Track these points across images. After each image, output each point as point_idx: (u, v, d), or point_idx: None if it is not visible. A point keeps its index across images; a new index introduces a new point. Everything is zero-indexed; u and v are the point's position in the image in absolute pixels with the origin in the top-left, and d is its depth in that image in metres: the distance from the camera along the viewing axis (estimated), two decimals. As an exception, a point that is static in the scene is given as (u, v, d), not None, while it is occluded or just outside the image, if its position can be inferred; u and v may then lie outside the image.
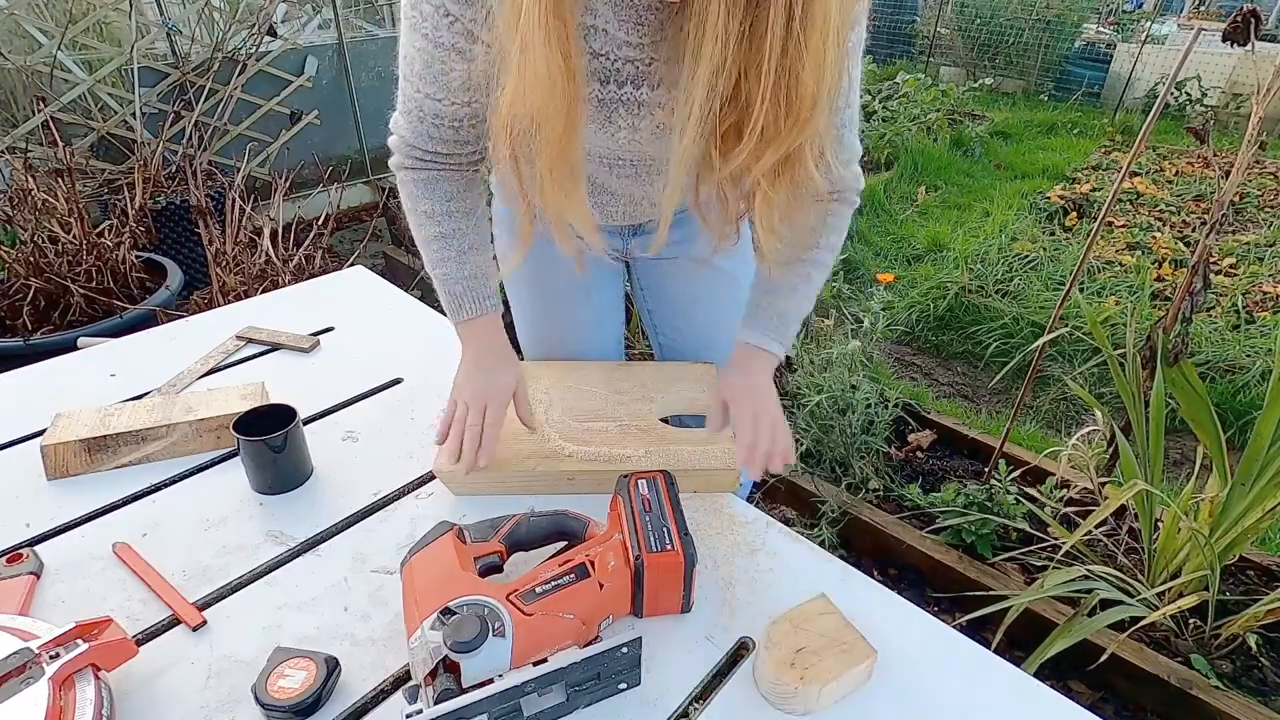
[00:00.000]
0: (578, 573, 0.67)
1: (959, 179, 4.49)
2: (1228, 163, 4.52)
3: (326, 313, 1.31)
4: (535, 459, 0.89)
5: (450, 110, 0.80)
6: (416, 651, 0.60)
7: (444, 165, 0.87)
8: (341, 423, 1.02)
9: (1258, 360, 2.48)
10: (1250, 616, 1.39)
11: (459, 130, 0.82)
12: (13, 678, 0.57)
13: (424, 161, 0.85)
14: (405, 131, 0.83)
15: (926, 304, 3.00)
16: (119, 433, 0.90)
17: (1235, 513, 1.37)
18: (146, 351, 1.20)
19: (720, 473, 0.89)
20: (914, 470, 2.05)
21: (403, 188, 0.88)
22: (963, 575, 1.62)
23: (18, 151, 2.62)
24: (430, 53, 0.74)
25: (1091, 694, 1.46)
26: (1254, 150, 1.39)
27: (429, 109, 0.79)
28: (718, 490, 0.91)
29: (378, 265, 3.27)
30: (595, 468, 0.88)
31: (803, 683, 0.62)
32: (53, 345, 2.00)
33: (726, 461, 0.89)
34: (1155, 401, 1.46)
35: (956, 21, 7.06)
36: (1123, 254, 3.33)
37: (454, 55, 0.73)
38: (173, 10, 3.37)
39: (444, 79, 0.76)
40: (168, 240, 2.84)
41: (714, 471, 0.89)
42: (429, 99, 0.78)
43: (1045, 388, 2.58)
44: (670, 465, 0.87)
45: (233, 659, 0.68)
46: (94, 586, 0.75)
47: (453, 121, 0.81)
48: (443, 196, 0.87)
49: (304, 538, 0.82)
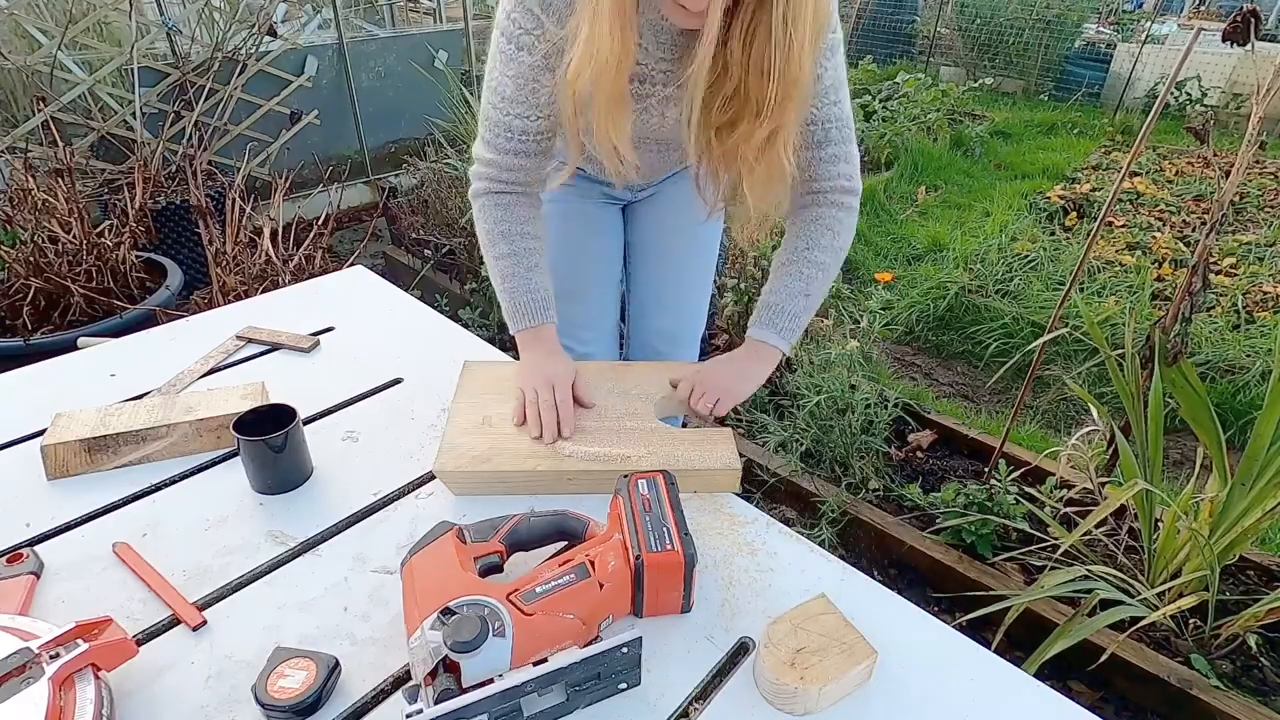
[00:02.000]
0: (578, 573, 0.67)
1: (959, 179, 4.49)
2: (1228, 163, 4.52)
3: (326, 313, 1.31)
4: (536, 459, 0.89)
5: (535, 125, 0.95)
6: (416, 651, 0.60)
7: (523, 189, 1.02)
8: (341, 423, 1.02)
9: (1258, 360, 2.48)
10: (1250, 616, 1.39)
11: (540, 143, 0.97)
12: (13, 678, 0.57)
13: (506, 184, 1.00)
14: (493, 155, 0.98)
15: (926, 304, 2.99)
16: (119, 433, 0.90)
17: (1235, 513, 1.37)
18: (146, 351, 1.20)
19: (720, 473, 0.89)
20: (914, 470, 2.05)
21: (484, 211, 1.02)
22: (963, 575, 1.62)
23: (18, 151, 2.62)
24: (525, 76, 0.91)
25: (1091, 694, 1.46)
26: (1254, 150, 1.39)
27: (517, 128, 0.95)
28: (718, 490, 0.91)
29: (378, 265, 3.27)
30: (595, 467, 0.88)
31: (803, 683, 0.62)
32: (53, 345, 2.00)
33: (727, 461, 0.89)
34: (1155, 401, 1.46)
35: (956, 21, 7.06)
36: (1123, 254, 3.33)
37: (545, 74, 0.90)
38: (173, 10, 3.37)
39: (534, 99, 0.92)
40: (168, 240, 2.84)
41: (714, 472, 0.89)
42: (518, 119, 0.94)
43: (1045, 388, 2.58)
44: (670, 466, 0.86)
45: (233, 659, 0.68)
46: (94, 586, 0.75)
47: (537, 135, 0.96)
48: (519, 219, 1.01)
49: (304, 538, 0.82)
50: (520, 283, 1.01)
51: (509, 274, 1.01)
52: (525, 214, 1.02)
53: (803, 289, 1.03)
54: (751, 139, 0.84)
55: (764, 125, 0.82)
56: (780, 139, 0.85)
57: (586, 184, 1.27)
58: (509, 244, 1.01)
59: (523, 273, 1.01)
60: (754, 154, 0.86)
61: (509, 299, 1.02)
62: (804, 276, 1.03)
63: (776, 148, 0.86)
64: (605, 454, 0.90)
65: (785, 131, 0.85)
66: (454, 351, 1.18)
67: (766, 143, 0.85)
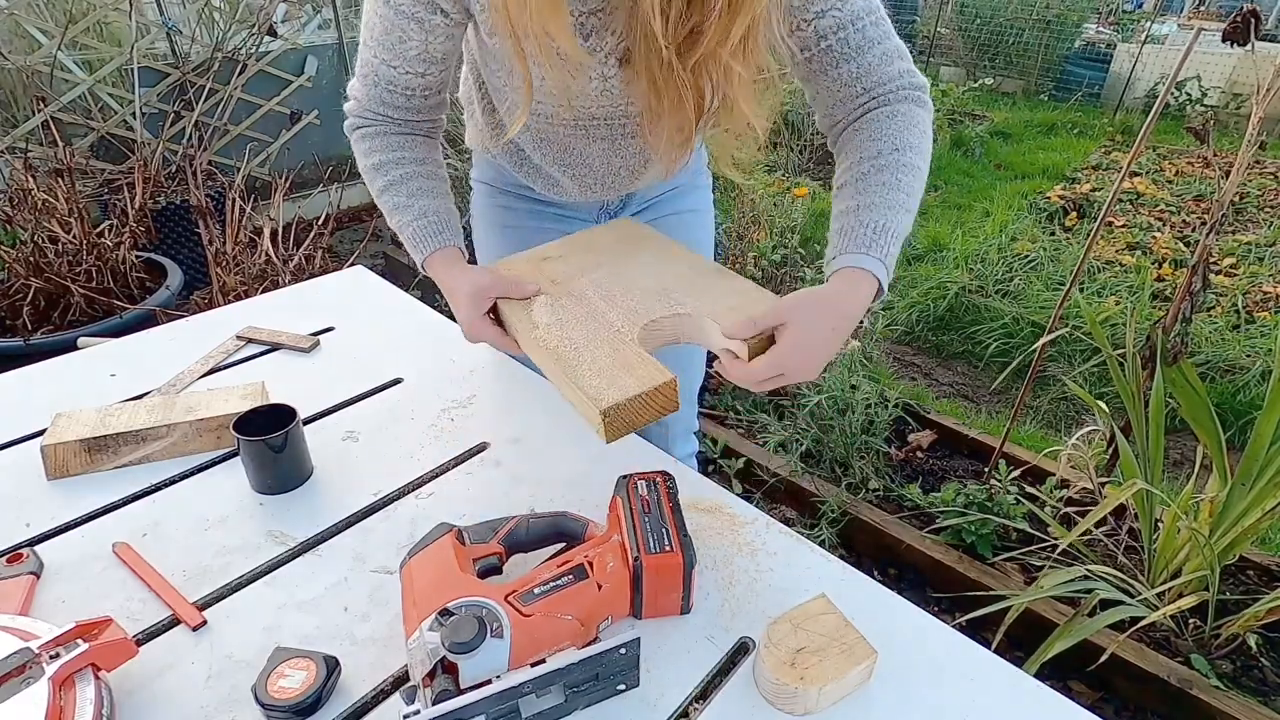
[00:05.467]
0: (576, 573, 0.67)
1: (959, 179, 4.49)
2: (1228, 163, 4.51)
3: (326, 313, 1.31)
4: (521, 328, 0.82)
5: (404, 79, 0.84)
6: (414, 652, 0.60)
7: (394, 128, 0.91)
8: (341, 423, 1.02)
9: (1258, 360, 2.48)
10: (1250, 616, 1.39)
11: (410, 99, 0.87)
12: (13, 678, 0.57)
13: (374, 122, 0.90)
14: (359, 94, 0.88)
15: (926, 304, 3.00)
16: (119, 433, 0.90)
17: (1235, 513, 1.37)
18: (146, 351, 1.20)
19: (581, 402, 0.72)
20: (914, 470, 2.05)
21: (355, 149, 0.91)
22: (963, 575, 1.62)
23: (18, 151, 2.62)
24: (391, 20, 0.79)
25: (1091, 694, 1.46)
26: (1254, 150, 1.39)
27: (383, 74, 0.84)
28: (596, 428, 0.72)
29: (378, 265, 3.27)
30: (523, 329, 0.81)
31: (803, 683, 0.62)
32: (53, 345, 2.00)
33: (597, 393, 0.70)
34: (1155, 401, 1.46)
35: (956, 21, 7.06)
36: (1123, 254, 3.33)
37: (413, 25, 0.79)
38: (173, 10, 3.37)
39: (400, 47, 0.81)
40: (168, 240, 2.84)
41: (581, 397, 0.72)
42: (384, 64, 0.83)
43: (1045, 388, 2.58)
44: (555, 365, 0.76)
45: (233, 659, 0.68)
46: (94, 586, 0.75)
47: (405, 90, 0.86)
48: (390, 147, 0.90)
49: (304, 538, 0.82)
50: (404, 214, 0.89)
51: (393, 207, 0.90)
52: (400, 141, 0.90)
53: (903, 201, 0.78)
54: (728, 38, 0.69)
55: (741, 17, 0.68)
56: (757, 29, 0.72)
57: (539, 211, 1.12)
58: (384, 175, 0.90)
59: (404, 200, 0.89)
60: (731, 53, 0.71)
61: (403, 233, 0.90)
62: (901, 186, 0.78)
63: (755, 40, 0.72)
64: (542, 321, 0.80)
65: (758, 17, 0.71)
66: (454, 352, 1.18)
67: (744, 38, 0.71)
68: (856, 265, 0.76)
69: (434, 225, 0.89)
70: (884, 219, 0.76)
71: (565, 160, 0.98)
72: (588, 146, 0.95)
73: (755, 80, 0.76)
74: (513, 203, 1.14)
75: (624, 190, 1.07)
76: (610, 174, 1.00)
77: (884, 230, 0.76)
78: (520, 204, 1.13)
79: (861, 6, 0.79)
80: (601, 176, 1.00)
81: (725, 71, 0.74)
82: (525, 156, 1.02)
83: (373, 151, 0.90)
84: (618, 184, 1.03)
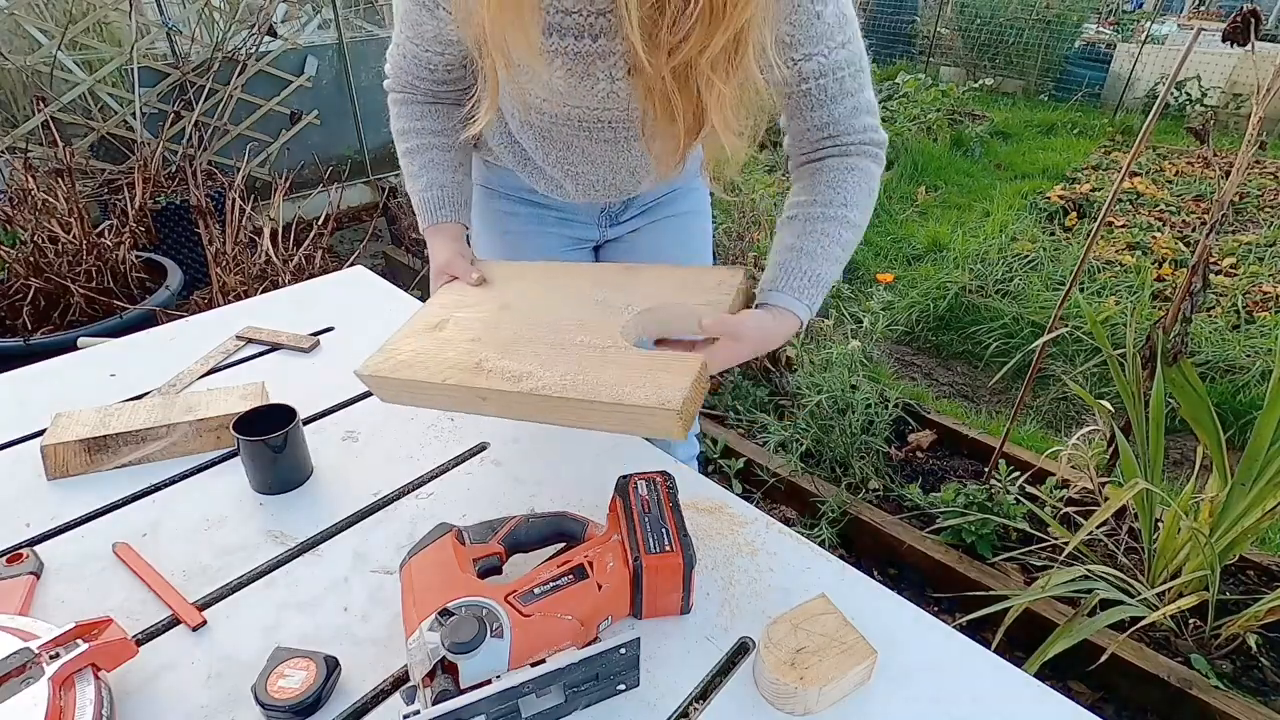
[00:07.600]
0: (576, 574, 0.67)
1: (959, 179, 4.49)
2: (1228, 163, 4.52)
3: (326, 313, 1.31)
4: (454, 370, 0.79)
5: (425, 56, 0.93)
6: (414, 652, 0.60)
7: (421, 97, 1.00)
8: (341, 423, 1.02)
9: (1258, 360, 2.48)
10: (1250, 616, 1.39)
11: (434, 72, 0.95)
12: (13, 678, 0.57)
13: (403, 90, 1.00)
14: (390, 66, 0.99)
15: (926, 304, 3.00)
16: (119, 433, 0.90)
17: (1235, 513, 1.37)
18: (146, 351, 1.20)
19: (648, 412, 0.69)
20: (914, 470, 2.05)
21: (390, 111, 1.02)
22: (963, 575, 1.62)
23: (18, 151, 2.62)
24: (409, 5, 0.87)
25: (1091, 694, 1.46)
26: (1254, 150, 1.39)
27: (409, 51, 0.94)
28: (654, 434, 0.74)
29: (378, 265, 3.27)
30: (504, 387, 0.75)
31: (803, 683, 0.62)
32: (53, 345, 2.00)
33: (661, 398, 0.69)
34: (1155, 401, 1.46)
35: (956, 21, 7.06)
36: (1123, 254, 3.33)
37: (424, 12, 0.86)
38: (173, 10, 3.36)
39: (418, 29, 0.89)
40: (168, 240, 2.84)
41: (639, 409, 0.70)
42: (409, 42, 0.92)
43: (1045, 388, 2.58)
44: (589, 395, 0.72)
45: (233, 659, 0.68)
46: (94, 586, 0.75)
47: (428, 65, 0.94)
48: (413, 115, 1.00)
49: (304, 538, 0.82)
50: (414, 182, 1.00)
51: (408, 175, 1.01)
52: (422, 110, 1.00)
53: (837, 254, 0.88)
54: (708, 48, 0.69)
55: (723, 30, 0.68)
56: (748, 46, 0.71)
57: (540, 215, 1.14)
58: (404, 141, 1.01)
59: (416, 170, 1.00)
60: (712, 65, 0.72)
61: (413, 199, 1.01)
62: (841, 241, 0.88)
63: (745, 56, 0.72)
64: (518, 372, 0.76)
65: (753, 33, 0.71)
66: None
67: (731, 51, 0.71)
68: (790, 309, 0.87)
69: (437, 199, 0.99)
70: (820, 269, 0.87)
71: (568, 161, 0.99)
72: (591, 148, 0.96)
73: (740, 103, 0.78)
74: (513, 207, 1.15)
75: (625, 194, 1.09)
76: (612, 177, 1.02)
77: (818, 280, 0.87)
78: (521, 208, 1.15)
79: (844, 57, 0.83)
80: (603, 179, 1.02)
81: (707, 84, 0.75)
82: (528, 157, 1.03)
83: (399, 118, 1.01)
84: (619, 187, 1.05)
